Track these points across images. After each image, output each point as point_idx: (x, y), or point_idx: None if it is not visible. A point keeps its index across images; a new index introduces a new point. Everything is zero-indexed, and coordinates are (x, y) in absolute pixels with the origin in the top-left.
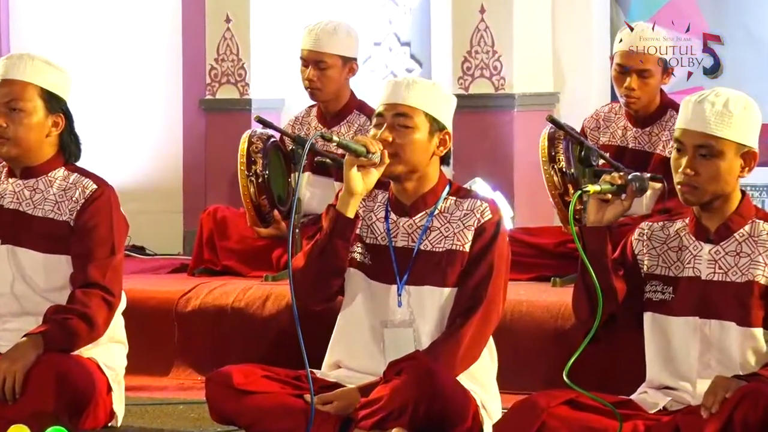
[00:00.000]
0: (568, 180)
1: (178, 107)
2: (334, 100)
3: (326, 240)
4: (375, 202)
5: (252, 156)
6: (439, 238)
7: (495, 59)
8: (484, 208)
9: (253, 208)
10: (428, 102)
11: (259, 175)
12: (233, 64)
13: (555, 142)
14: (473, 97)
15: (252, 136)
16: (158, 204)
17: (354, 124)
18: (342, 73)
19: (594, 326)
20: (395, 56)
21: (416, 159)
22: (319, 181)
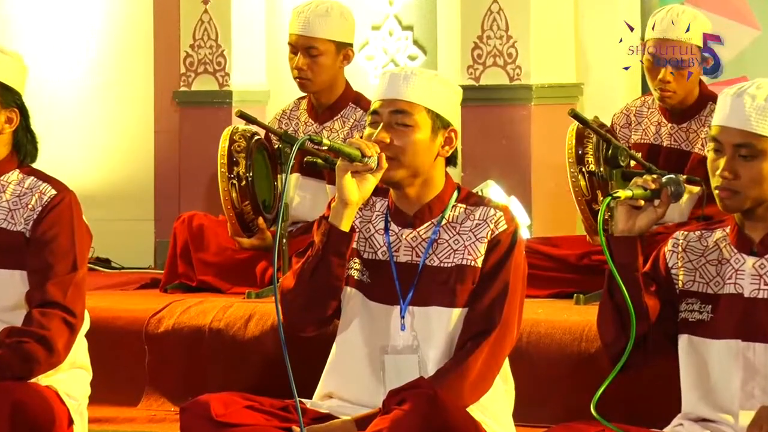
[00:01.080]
0: (597, 185)
1: (149, 100)
2: (327, 92)
3: (319, 257)
4: (373, 211)
5: (234, 156)
6: (447, 252)
7: (509, 45)
8: (498, 217)
9: (235, 216)
10: (430, 96)
11: (241, 177)
12: (211, 51)
13: (584, 141)
14: (485, 88)
15: (234, 134)
16: (126, 211)
17: (349, 119)
18: (335, 61)
19: (627, 350)
20: (396, 42)
21: (419, 162)
22: (308, 184)
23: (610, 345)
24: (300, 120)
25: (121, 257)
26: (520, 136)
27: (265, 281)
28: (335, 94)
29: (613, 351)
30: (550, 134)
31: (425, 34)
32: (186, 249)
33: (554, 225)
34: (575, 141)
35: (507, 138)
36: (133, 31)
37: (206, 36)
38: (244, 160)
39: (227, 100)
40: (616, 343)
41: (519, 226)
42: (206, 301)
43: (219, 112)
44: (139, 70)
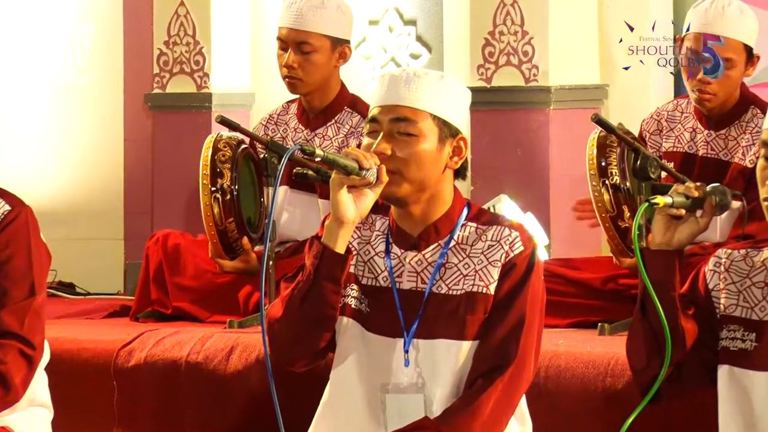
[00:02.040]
0: (623, 199)
1: (118, 104)
2: (320, 94)
3: (310, 282)
4: (372, 231)
5: (218, 167)
6: (456, 278)
7: (525, 42)
8: (513, 237)
9: (217, 234)
10: (436, 100)
11: (226, 191)
12: (188, 49)
13: (607, 150)
14: (497, 90)
15: (218, 141)
16: (91, 229)
17: (344, 125)
18: (330, 59)
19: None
20: (396, 38)
21: (424, 175)
22: (298, 199)
23: (640, 372)
24: (289, 126)
25: (86, 281)
26: (537, 145)
27: (249, 309)
28: (329, 96)
29: (644, 379)
30: (571, 142)
31: (430, 30)
32: (160, 272)
33: (576, 245)
34: (597, 150)
35: (522, 147)
36: (100, 27)
37: (182, 32)
38: (229, 171)
39: (206, 104)
40: (647, 371)
41: (536, 247)
42: (183, 331)
43: (197, 118)
44: (106, 70)
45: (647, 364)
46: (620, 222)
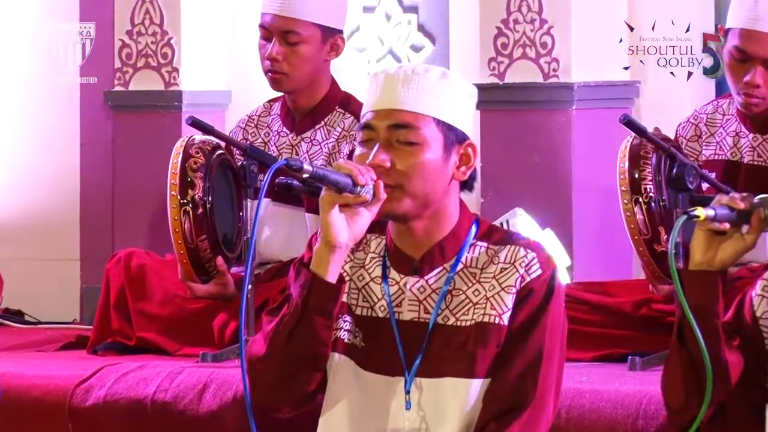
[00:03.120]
0: (659, 219)
1: (73, 104)
2: (307, 92)
3: (298, 316)
4: (367, 253)
5: (189, 176)
6: (464, 307)
7: (544, 32)
8: (530, 259)
9: (188, 254)
10: (439, 102)
11: (198, 204)
12: (155, 40)
13: (641, 163)
14: (511, 88)
15: (190, 146)
16: (43, 248)
17: (335, 128)
18: (320, 52)
19: (698, 417)
20: (395, 28)
21: (428, 189)
22: (281, 213)
23: (677, 412)
24: (271, 129)
25: (37, 308)
26: (557, 151)
27: (225, 340)
28: (318, 94)
29: (682, 421)
30: (597, 148)
31: (433, 18)
32: (122, 298)
33: (603, 266)
34: (629, 162)
35: (540, 153)
36: (53, 14)
37: (148, 20)
38: (202, 181)
39: (175, 104)
40: (685, 411)
41: (557, 270)
42: (148, 365)
43: (164, 119)
44: (59, 64)
45: (685, 403)
46: (656, 246)
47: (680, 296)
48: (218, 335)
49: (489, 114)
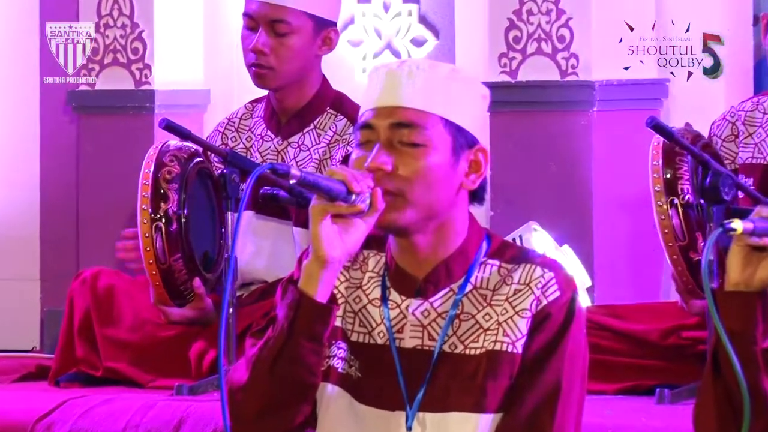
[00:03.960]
0: (697, 224)
1: (32, 104)
2: (295, 90)
3: (284, 341)
4: (364, 272)
5: (162, 187)
6: (473, 333)
7: (561, 24)
8: (548, 280)
9: (161, 274)
10: (448, 101)
11: (172, 218)
12: (124, 34)
13: (676, 160)
14: (525, 87)
15: (164, 153)
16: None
17: (326, 131)
18: (312, 45)
19: None
20: (394, 21)
21: (433, 198)
22: (266, 227)
23: None
24: (254, 133)
25: None
26: (576, 157)
27: (203, 370)
28: (307, 93)
29: None
30: (620, 154)
31: (437, 9)
32: (88, 322)
33: (627, 287)
34: (663, 159)
35: (557, 159)
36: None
37: (117, 11)
38: (176, 193)
39: (147, 104)
40: None
41: (577, 292)
42: (117, 398)
43: (135, 122)
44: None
45: None
46: (692, 254)
47: (714, 320)
48: (195, 365)
49: (499, 116)
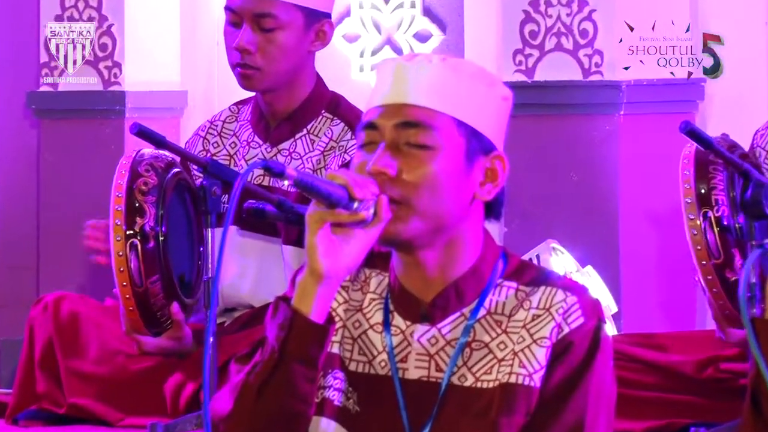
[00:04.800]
0: (734, 241)
1: None
2: (286, 91)
3: (274, 365)
4: (365, 293)
5: (137, 200)
6: (486, 363)
7: (584, 16)
8: (570, 304)
9: (136, 300)
10: (462, 99)
11: (148, 235)
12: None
13: (709, 169)
14: (543, 87)
15: (138, 163)
16: None
17: (321, 137)
18: (303, 40)
19: None
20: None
21: (443, 208)
22: (252, 246)
23: None
24: (239, 139)
25: None
26: (601, 167)
27: (180, 407)
28: (299, 95)
29: None
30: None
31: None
32: (50, 353)
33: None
34: (695, 169)
35: (579, 169)
36: None
37: (83, 3)
38: (153, 207)
39: (117, 107)
40: None
41: (603, 319)
42: None
43: (103, 128)
44: None
45: None
46: (728, 273)
47: (754, 351)
48: (171, 401)
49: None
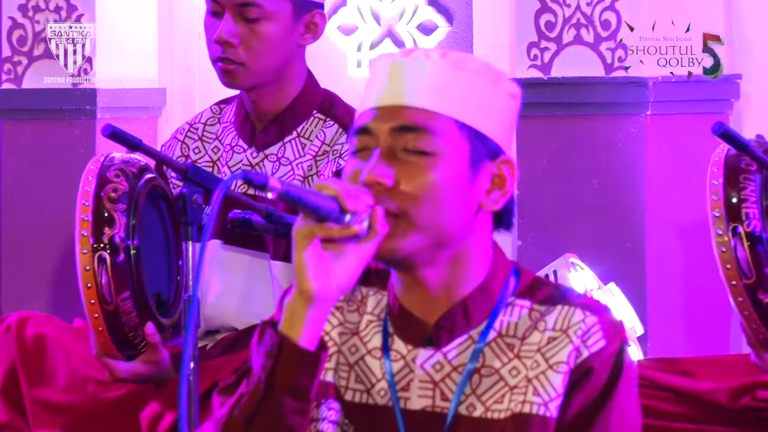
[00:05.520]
0: (766, 257)
1: None
2: (274, 89)
3: (260, 397)
4: (362, 314)
5: (106, 209)
6: (496, 391)
7: (606, 5)
8: (590, 326)
9: (106, 320)
10: (466, 99)
11: (118, 247)
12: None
13: (740, 179)
14: (560, 85)
15: (107, 167)
16: None
17: (312, 141)
18: (291, 32)
19: None
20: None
21: (446, 221)
22: (237, 261)
23: None
24: (222, 142)
25: None
26: (625, 172)
27: None
28: (288, 94)
29: None
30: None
31: None
32: (13, 380)
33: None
34: (725, 178)
35: (601, 176)
36: None
37: None
38: (124, 216)
39: (87, 107)
40: None
41: (626, 342)
42: None
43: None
44: None
45: None
46: (761, 294)
47: None
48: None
49: (528, 121)
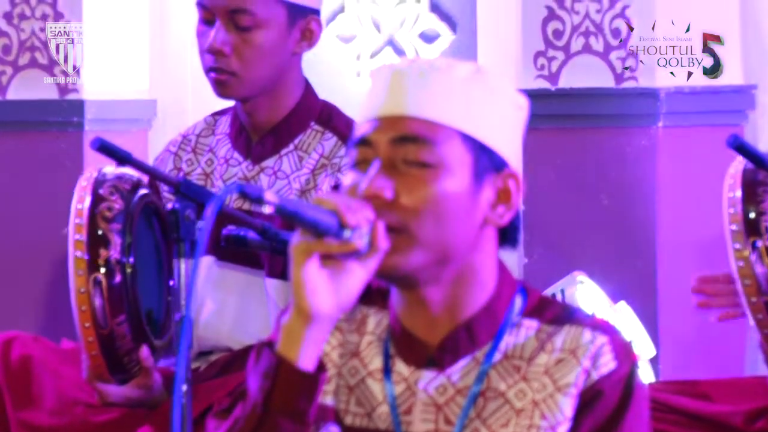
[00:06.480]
0: None
1: None
2: (269, 100)
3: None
4: (362, 334)
5: (101, 227)
6: (502, 415)
7: (616, 13)
8: (599, 346)
9: (100, 343)
10: (469, 110)
11: (114, 268)
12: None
13: (758, 192)
14: (568, 96)
15: (101, 184)
16: None
17: (309, 154)
18: (286, 40)
19: None
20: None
21: (448, 236)
22: (232, 279)
23: None
24: (216, 155)
25: None
26: (636, 187)
27: None
28: (284, 104)
29: None
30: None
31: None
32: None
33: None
34: (743, 191)
35: (611, 190)
36: None
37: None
38: (119, 236)
39: (75, 119)
40: None
41: (637, 363)
42: None
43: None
44: None
45: None
46: None
47: None
48: None
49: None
